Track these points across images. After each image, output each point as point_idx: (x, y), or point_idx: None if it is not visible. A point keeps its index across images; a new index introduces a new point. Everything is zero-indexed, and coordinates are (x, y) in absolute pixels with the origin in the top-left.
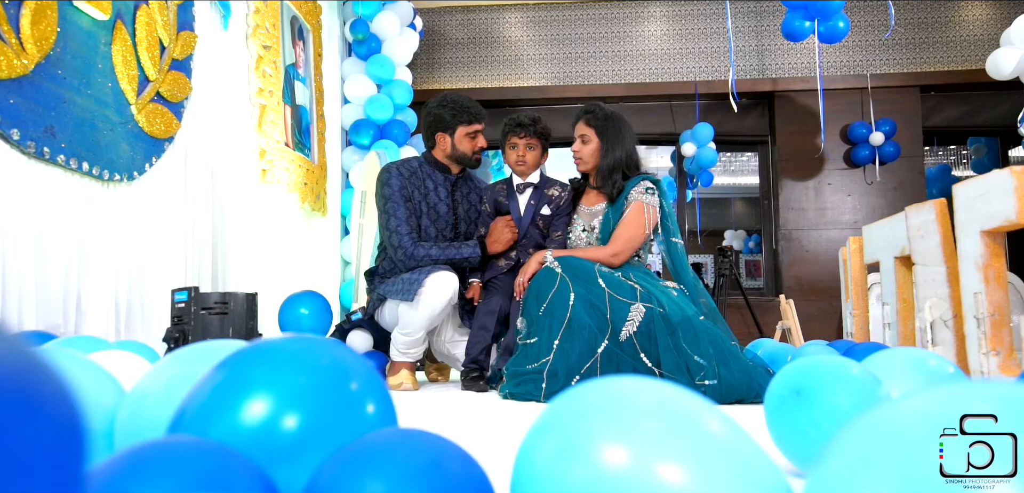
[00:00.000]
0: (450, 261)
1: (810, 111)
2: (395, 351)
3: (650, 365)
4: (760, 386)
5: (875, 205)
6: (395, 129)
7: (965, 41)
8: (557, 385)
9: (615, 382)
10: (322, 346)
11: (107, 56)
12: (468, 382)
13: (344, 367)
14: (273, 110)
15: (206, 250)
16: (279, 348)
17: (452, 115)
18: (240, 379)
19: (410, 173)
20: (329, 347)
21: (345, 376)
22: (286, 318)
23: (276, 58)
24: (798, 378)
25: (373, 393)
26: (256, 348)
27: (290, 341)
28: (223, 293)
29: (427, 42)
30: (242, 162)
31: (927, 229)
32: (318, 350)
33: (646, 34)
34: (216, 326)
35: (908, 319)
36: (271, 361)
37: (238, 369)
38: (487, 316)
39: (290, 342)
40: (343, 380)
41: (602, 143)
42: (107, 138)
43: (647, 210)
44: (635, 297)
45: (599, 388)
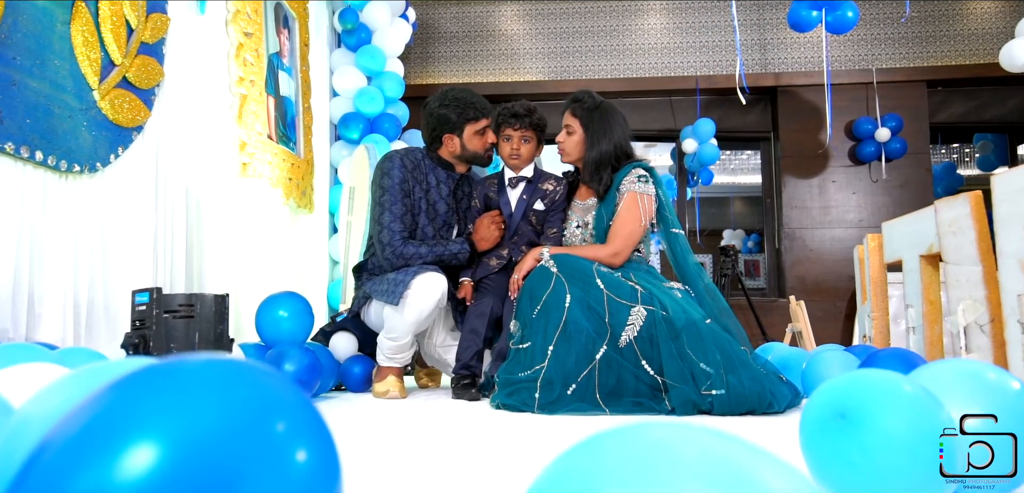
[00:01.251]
0: (440, 260)
1: (814, 106)
2: (381, 356)
3: (652, 373)
4: (773, 395)
5: (881, 203)
6: (386, 123)
7: (973, 35)
8: (552, 395)
9: (646, 430)
10: (241, 371)
11: (65, 36)
12: (459, 390)
13: (267, 400)
14: (255, 100)
15: (179, 249)
16: (182, 372)
17: (458, 114)
18: (120, 416)
19: (413, 166)
20: (251, 373)
21: (268, 412)
22: (264, 321)
23: (258, 46)
24: (841, 398)
25: (305, 435)
26: (152, 371)
27: (199, 364)
28: (189, 294)
29: (421, 36)
30: (221, 155)
31: (960, 224)
32: (234, 375)
33: (646, 27)
34: (181, 331)
35: (935, 323)
36: (168, 390)
37: (120, 402)
38: (478, 319)
39: (199, 365)
40: (264, 418)
41: (586, 135)
42: (65, 126)
43: (642, 200)
44: (636, 299)
45: (625, 437)
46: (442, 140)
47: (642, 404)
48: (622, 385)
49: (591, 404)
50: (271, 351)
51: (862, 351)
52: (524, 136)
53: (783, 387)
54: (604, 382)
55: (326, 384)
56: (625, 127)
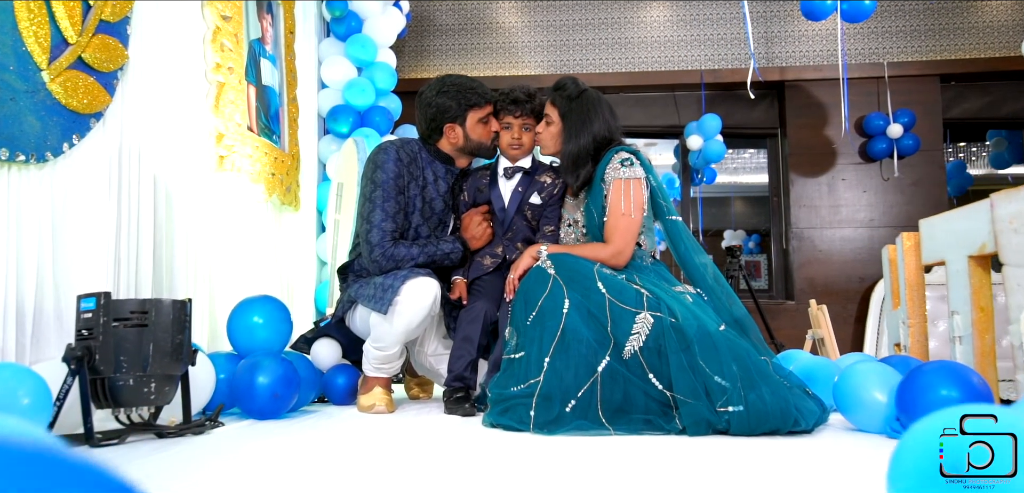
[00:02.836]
0: (432, 260)
1: (823, 101)
2: (368, 365)
3: (660, 387)
4: (799, 412)
5: (892, 202)
6: (377, 116)
7: (988, 28)
8: (550, 413)
9: None
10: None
11: (7, 9)
12: (452, 404)
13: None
14: (233, 89)
15: (146, 249)
16: None
17: (458, 101)
18: None
19: (410, 159)
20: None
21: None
22: (236, 328)
23: (238, 31)
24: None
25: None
26: None
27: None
28: (143, 301)
29: (415, 28)
30: (195, 147)
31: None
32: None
33: (648, 20)
34: (132, 342)
35: (986, 332)
36: None
37: None
38: (470, 324)
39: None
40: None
41: (564, 126)
42: (6, 109)
43: (628, 187)
44: (641, 304)
45: None
46: (443, 131)
47: (652, 422)
48: (630, 401)
49: (594, 423)
50: (243, 362)
51: (900, 363)
52: (525, 123)
53: (810, 402)
54: (608, 398)
55: (306, 397)
56: (611, 119)
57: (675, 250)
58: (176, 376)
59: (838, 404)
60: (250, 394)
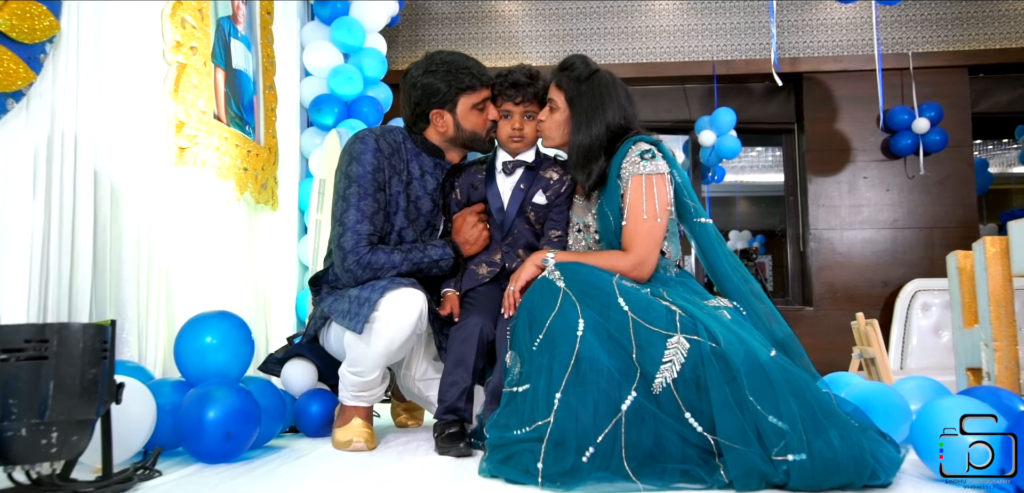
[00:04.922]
0: (417, 269)
1: (843, 94)
2: (345, 392)
3: (701, 430)
4: (876, 460)
5: (918, 202)
6: (364, 106)
7: (1021, 15)
8: (564, 463)
9: None
10: None
11: None
12: (444, 442)
13: None
14: (197, 72)
15: (84, 256)
16: None
17: (449, 83)
18: None
19: (392, 150)
20: None
21: None
22: (184, 351)
23: (202, 6)
24: None
25: None
26: None
27: None
28: (42, 325)
29: (409, 17)
30: (149, 136)
31: None
32: None
33: (657, 8)
34: (26, 380)
35: None
36: None
37: None
38: (463, 345)
39: None
40: None
41: (572, 113)
42: None
43: (652, 183)
44: (673, 326)
45: None
46: (429, 118)
47: (690, 474)
48: (662, 448)
49: (618, 475)
50: (192, 392)
51: (990, 396)
52: (528, 110)
53: (887, 447)
54: (635, 442)
55: (271, 430)
56: (627, 105)
57: (704, 258)
58: (89, 421)
59: (919, 448)
60: (197, 432)
